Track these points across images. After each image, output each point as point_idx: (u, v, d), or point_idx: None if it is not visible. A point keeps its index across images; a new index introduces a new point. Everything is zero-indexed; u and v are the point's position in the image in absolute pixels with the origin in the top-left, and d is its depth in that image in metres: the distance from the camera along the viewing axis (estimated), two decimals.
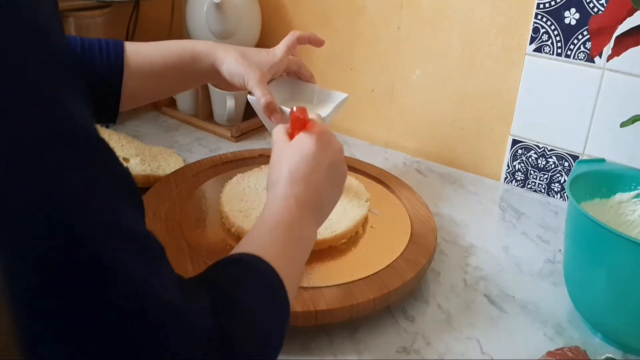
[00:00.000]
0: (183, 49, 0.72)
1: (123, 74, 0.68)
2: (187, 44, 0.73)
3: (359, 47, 1.08)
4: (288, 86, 0.80)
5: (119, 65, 0.68)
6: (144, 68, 0.70)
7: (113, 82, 0.68)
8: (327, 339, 0.62)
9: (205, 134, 1.09)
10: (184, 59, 0.71)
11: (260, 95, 0.70)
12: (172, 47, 0.72)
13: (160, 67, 0.71)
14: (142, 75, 0.70)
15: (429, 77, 1.02)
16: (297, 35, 0.76)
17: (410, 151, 1.07)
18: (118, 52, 0.68)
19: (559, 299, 0.70)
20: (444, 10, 0.97)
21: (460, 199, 0.92)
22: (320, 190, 0.55)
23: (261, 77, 0.71)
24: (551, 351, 0.59)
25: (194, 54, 0.72)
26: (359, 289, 0.63)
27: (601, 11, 0.82)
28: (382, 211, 0.80)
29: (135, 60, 0.70)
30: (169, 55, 0.71)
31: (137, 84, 0.70)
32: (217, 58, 0.72)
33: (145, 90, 0.73)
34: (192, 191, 0.82)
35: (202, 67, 0.72)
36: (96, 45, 0.68)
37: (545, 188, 0.95)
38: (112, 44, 0.69)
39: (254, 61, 0.72)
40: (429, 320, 0.65)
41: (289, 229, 0.50)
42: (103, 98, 0.68)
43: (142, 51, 0.71)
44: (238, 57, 0.71)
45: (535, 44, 0.89)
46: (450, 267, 0.75)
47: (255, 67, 0.71)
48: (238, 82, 0.72)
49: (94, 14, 1.04)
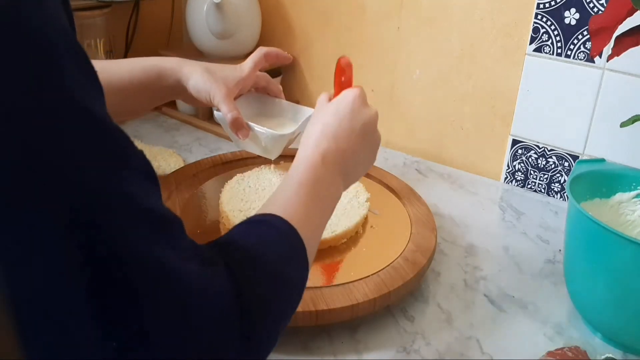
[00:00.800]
0: (149, 66, 0.71)
1: None
2: (153, 61, 0.72)
3: (359, 47, 1.08)
4: (256, 102, 0.80)
5: None
6: (111, 85, 0.69)
7: None
8: (327, 339, 0.62)
9: (205, 134, 1.09)
10: (150, 75, 0.71)
11: (226, 111, 0.70)
12: (138, 65, 0.71)
13: (126, 84, 0.70)
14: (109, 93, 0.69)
15: (429, 77, 1.02)
16: (264, 51, 0.76)
17: (410, 151, 1.07)
18: None
19: (559, 298, 0.70)
20: (444, 10, 0.97)
21: (460, 199, 0.92)
22: (350, 151, 0.55)
23: (227, 92, 0.71)
24: (551, 351, 0.59)
25: (160, 71, 0.71)
26: (359, 289, 0.63)
27: (601, 11, 0.82)
28: (382, 211, 0.80)
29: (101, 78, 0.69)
30: (135, 72, 0.71)
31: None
32: (183, 74, 0.71)
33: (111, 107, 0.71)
34: (192, 191, 0.82)
35: (168, 84, 0.72)
36: None
37: (545, 188, 0.95)
38: None
39: (220, 77, 0.72)
40: (429, 320, 0.65)
41: (312, 187, 0.50)
42: None
43: (108, 68, 0.70)
44: (204, 73, 0.71)
45: (535, 44, 0.89)
46: (450, 267, 0.75)
47: (221, 83, 0.71)
48: (204, 98, 0.71)
49: (94, 14, 1.04)
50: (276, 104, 0.80)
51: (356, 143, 0.56)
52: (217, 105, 0.70)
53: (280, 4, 1.16)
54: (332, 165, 0.53)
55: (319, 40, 1.13)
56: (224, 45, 1.08)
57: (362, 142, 0.57)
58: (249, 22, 1.09)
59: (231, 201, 0.76)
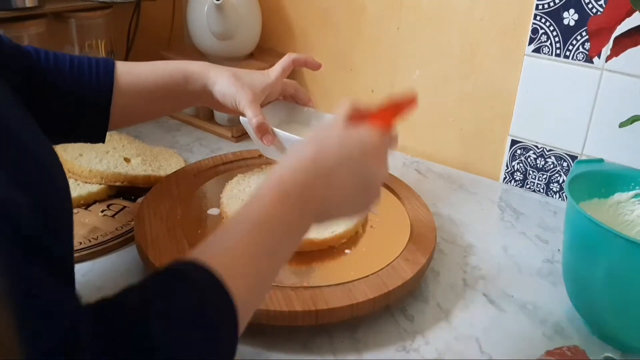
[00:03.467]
0: (175, 69, 0.70)
1: (112, 92, 0.66)
2: (180, 65, 0.71)
3: (359, 47, 1.08)
4: (284, 109, 0.79)
5: (109, 83, 0.66)
6: (135, 87, 0.68)
7: (102, 100, 0.66)
8: (327, 339, 0.62)
9: (206, 134, 1.09)
10: (176, 79, 0.70)
11: (251, 115, 0.68)
12: (164, 67, 0.71)
13: (151, 86, 0.69)
14: (133, 94, 0.68)
15: (428, 77, 1.02)
16: (293, 57, 0.75)
17: (410, 151, 1.07)
18: (108, 70, 0.67)
19: (557, 298, 0.70)
20: (444, 11, 0.97)
21: (459, 198, 0.93)
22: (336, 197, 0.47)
23: (253, 97, 0.70)
24: (550, 350, 0.59)
25: (187, 75, 0.70)
26: (359, 289, 0.63)
27: (600, 12, 0.82)
28: (382, 211, 0.81)
29: (126, 79, 0.68)
30: (160, 75, 0.70)
31: (127, 102, 0.68)
32: (210, 79, 0.70)
33: (135, 110, 0.71)
34: (193, 191, 0.82)
35: (194, 88, 0.71)
36: (85, 62, 0.66)
37: (544, 188, 0.95)
38: (102, 62, 0.67)
39: (246, 82, 0.71)
40: (429, 320, 0.66)
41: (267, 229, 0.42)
42: (91, 116, 0.67)
43: (134, 70, 0.69)
44: (230, 77, 0.70)
45: (534, 45, 0.89)
46: (450, 267, 0.75)
47: (247, 88, 0.70)
48: (230, 103, 0.70)
49: (95, 15, 1.04)
50: (304, 113, 0.79)
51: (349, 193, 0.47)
52: (243, 110, 0.69)
53: (280, 4, 1.16)
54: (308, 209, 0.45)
55: (319, 40, 1.13)
56: (224, 45, 1.08)
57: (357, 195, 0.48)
58: (249, 22, 1.10)
59: (232, 201, 0.76)
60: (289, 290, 0.62)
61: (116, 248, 0.74)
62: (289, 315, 0.59)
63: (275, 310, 0.59)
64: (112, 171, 0.83)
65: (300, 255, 0.69)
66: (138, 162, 0.88)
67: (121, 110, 0.68)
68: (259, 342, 0.61)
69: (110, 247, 0.73)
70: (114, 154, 0.88)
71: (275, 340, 0.61)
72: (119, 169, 0.84)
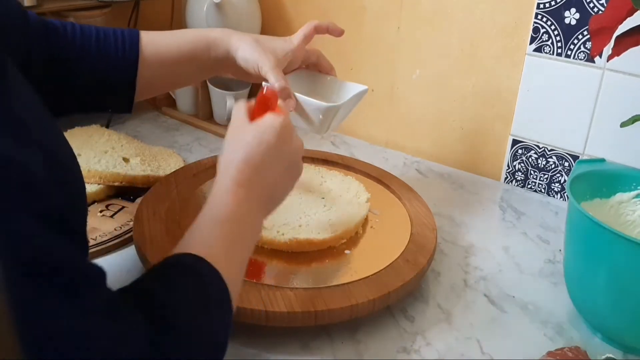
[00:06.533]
0: (198, 36, 0.71)
1: (138, 63, 0.67)
2: (202, 32, 0.72)
3: (359, 47, 1.08)
4: (306, 79, 0.78)
5: (135, 54, 0.67)
6: (160, 57, 0.69)
7: (129, 71, 0.67)
8: (327, 339, 0.62)
9: (205, 134, 1.09)
10: (199, 46, 0.71)
11: (274, 80, 0.68)
12: (187, 35, 0.72)
13: (175, 55, 0.70)
14: (158, 64, 0.70)
15: (429, 77, 1.02)
16: (314, 24, 0.75)
17: (410, 151, 1.07)
18: (134, 41, 0.68)
19: (559, 299, 0.70)
20: (444, 10, 0.97)
21: (460, 198, 0.92)
22: (273, 185, 0.54)
23: (276, 62, 0.69)
24: (551, 351, 0.59)
25: (209, 41, 0.71)
26: (359, 289, 0.63)
27: (601, 11, 0.82)
28: (382, 211, 0.80)
29: (151, 49, 0.69)
30: (183, 43, 0.70)
31: (152, 73, 0.69)
32: (232, 44, 0.71)
33: (161, 79, 0.72)
34: (192, 191, 0.82)
35: (217, 55, 0.71)
36: (111, 35, 0.67)
37: (545, 188, 0.95)
38: (127, 33, 0.68)
39: (268, 47, 0.71)
40: (429, 321, 0.65)
41: (236, 223, 0.49)
42: (119, 88, 0.68)
43: (157, 40, 0.70)
44: (253, 43, 0.70)
45: (535, 44, 0.89)
46: (450, 267, 0.75)
47: (269, 53, 0.70)
48: (253, 69, 0.70)
49: (94, 14, 1.04)
50: (328, 82, 0.78)
51: (280, 175, 0.55)
52: (265, 75, 0.69)
53: (280, 4, 1.16)
54: (257, 203, 0.52)
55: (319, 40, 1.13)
56: None
57: (286, 175, 0.56)
58: (249, 22, 1.09)
59: None
60: (288, 291, 0.62)
61: (115, 248, 0.73)
62: (288, 317, 0.59)
63: (274, 311, 0.59)
64: (110, 171, 0.82)
65: (300, 255, 0.69)
66: (137, 162, 0.88)
67: (147, 80, 0.69)
68: (259, 343, 0.60)
69: (109, 247, 0.73)
70: (113, 153, 0.87)
71: (274, 341, 0.61)
72: (117, 169, 0.83)
